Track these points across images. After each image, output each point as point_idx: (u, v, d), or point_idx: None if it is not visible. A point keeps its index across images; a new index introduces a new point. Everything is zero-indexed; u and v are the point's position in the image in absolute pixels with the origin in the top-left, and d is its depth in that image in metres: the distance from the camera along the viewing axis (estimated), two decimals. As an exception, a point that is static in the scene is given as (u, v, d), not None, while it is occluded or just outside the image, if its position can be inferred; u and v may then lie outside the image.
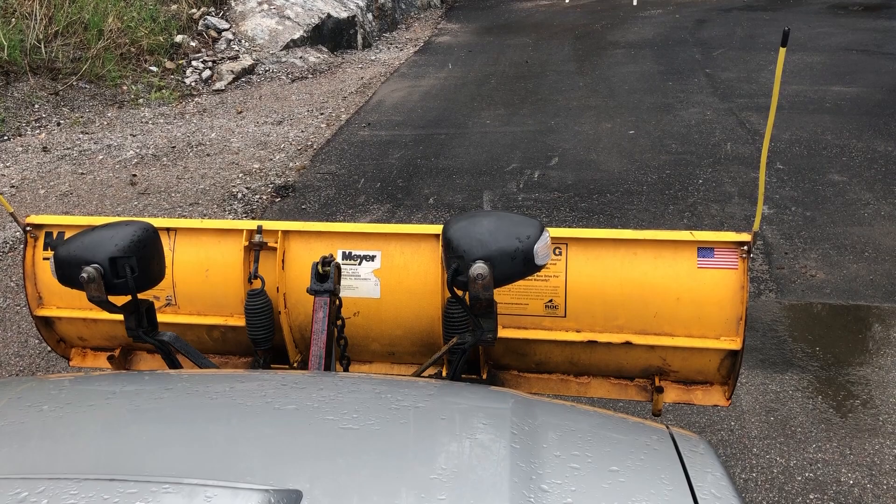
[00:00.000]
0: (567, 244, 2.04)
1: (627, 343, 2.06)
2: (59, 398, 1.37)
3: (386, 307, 2.15)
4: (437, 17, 14.03)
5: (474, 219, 1.71)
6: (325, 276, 1.91)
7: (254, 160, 6.68)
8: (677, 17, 12.48)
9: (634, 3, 13.52)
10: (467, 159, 6.50)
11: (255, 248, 2.14)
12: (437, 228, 2.12)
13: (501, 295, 2.04)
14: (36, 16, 8.48)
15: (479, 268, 1.61)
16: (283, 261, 2.15)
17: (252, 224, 2.17)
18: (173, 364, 1.87)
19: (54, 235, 2.27)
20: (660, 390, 2.13)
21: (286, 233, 2.16)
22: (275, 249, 2.14)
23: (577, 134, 7.00)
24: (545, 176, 6.06)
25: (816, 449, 3.17)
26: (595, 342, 2.07)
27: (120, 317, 1.79)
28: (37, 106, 7.95)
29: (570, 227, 5.18)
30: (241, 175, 6.34)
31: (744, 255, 1.98)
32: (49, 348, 3.93)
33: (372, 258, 2.13)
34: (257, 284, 2.11)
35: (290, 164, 6.57)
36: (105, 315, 2.18)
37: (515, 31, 12.29)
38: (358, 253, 2.12)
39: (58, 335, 2.44)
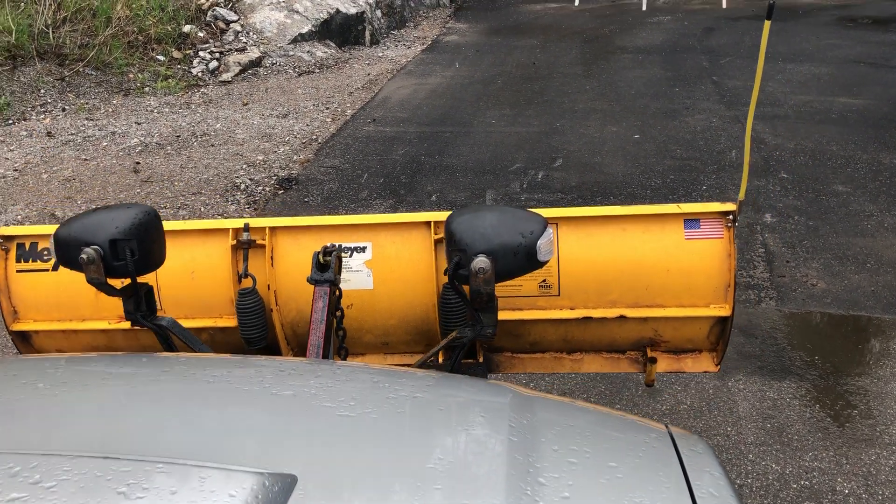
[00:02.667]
0: (557, 224, 2.06)
1: (621, 317, 2.09)
2: (55, 377, 1.37)
3: (380, 297, 2.14)
4: (446, 16, 14.03)
5: (478, 212, 1.70)
6: (326, 266, 1.89)
7: (258, 152, 6.68)
8: (686, 24, 12.47)
9: (643, 8, 13.51)
10: (471, 158, 6.49)
11: (244, 246, 2.11)
12: (427, 216, 2.11)
13: None
14: (45, 1, 8.48)
15: (480, 262, 1.60)
16: (271, 258, 2.12)
17: (238, 222, 2.14)
18: (171, 349, 1.86)
19: (27, 247, 2.19)
20: (653, 361, 2.17)
21: (273, 229, 2.13)
22: (263, 247, 2.12)
23: (583, 136, 7.00)
24: (549, 177, 6.05)
25: (813, 457, 3.16)
26: (590, 318, 2.10)
27: (101, 325, 1.75)
28: (42, 91, 7.95)
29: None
30: (244, 166, 6.34)
31: (729, 225, 2.02)
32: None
33: (363, 249, 2.12)
34: (248, 283, 2.08)
35: (294, 157, 6.56)
36: (85, 325, 2.18)
37: (524, 32, 12.28)
38: (348, 245, 2.11)
39: (36, 350, 2.35)
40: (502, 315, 2.09)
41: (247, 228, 2.11)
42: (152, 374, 1.38)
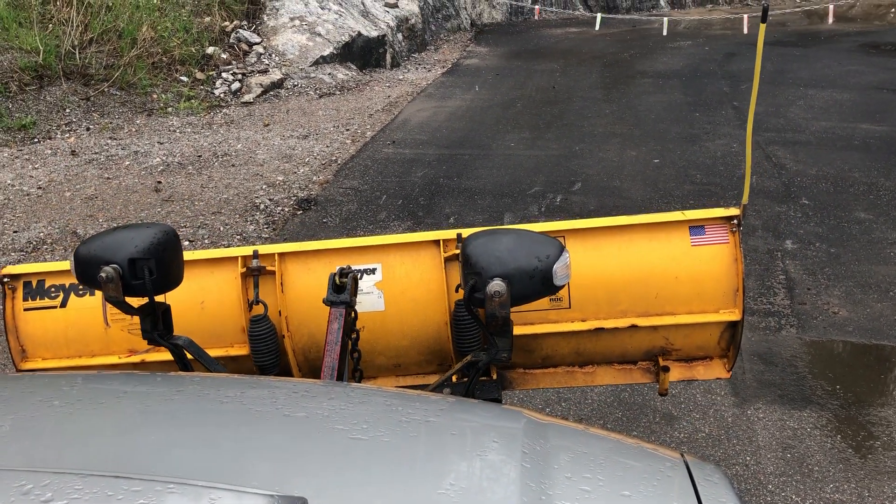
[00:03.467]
0: (565, 236, 2.07)
1: (633, 326, 2.09)
2: (70, 395, 1.37)
3: (391, 318, 2.13)
4: (467, 39, 14.13)
5: (494, 235, 1.70)
6: (342, 287, 1.89)
7: (278, 172, 6.73)
8: (707, 49, 12.48)
9: (664, 33, 13.54)
10: (490, 180, 6.50)
11: (254, 273, 2.10)
12: (436, 234, 2.11)
13: None
14: (72, 22, 8.64)
15: (496, 285, 1.59)
16: (282, 284, 2.12)
17: (247, 250, 2.14)
18: (186, 368, 1.86)
19: (33, 284, 2.18)
20: (665, 370, 2.16)
21: (283, 255, 2.13)
22: (273, 273, 2.11)
23: (602, 160, 6.99)
24: (567, 200, 6.04)
25: (834, 489, 3.10)
26: (602, 329, 2.10)
27: (111, 360, 1.75)
28: (68, 110, 8.07)
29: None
30: (264, 186, 6.38)
31: (734, 230, 2.04)
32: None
33: (373, 271, 2.12)
34: (259, 310, 2.08)
35: (314, 178, 6.60)
36: (94, 361, 2.17)
37: (544, 56, 12.34)
38: (358, 267, 2.10)
39: None
40: (515, 330, 2.08)
41: (256, 255, 2.11)
42: (166, 394, 1.38)
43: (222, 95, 9.14)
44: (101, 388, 1.42)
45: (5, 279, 2.19)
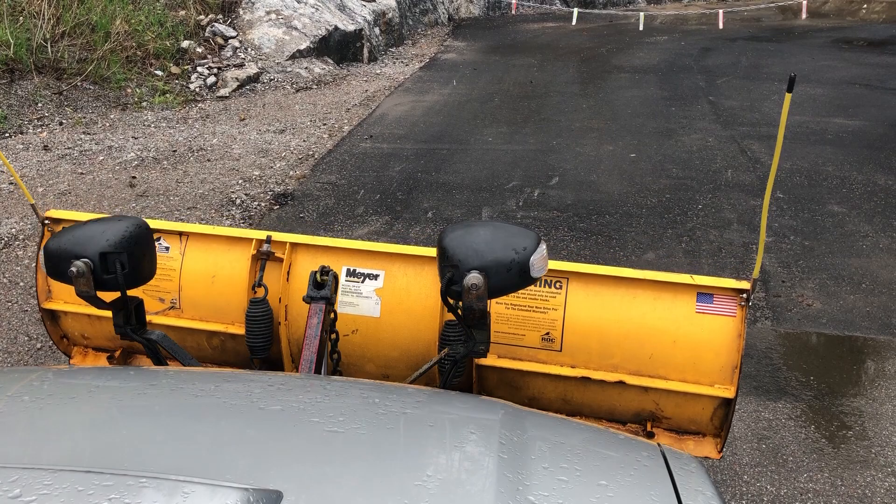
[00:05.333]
0: (568, 279, 2.04)
1: (621, 382, 2.03)
2: (41, 390, 1.35)
3: (384, 327, 2.14)
4: (444, 34, 14.10)
5: (471, 228, 1.69)
6: (322, 285, 1.91)
7: (254, 167, 6.68)
8: (682, 44, 12.55)
9: (640, 28, 13.60)
10: (468, 175, 6.50)
11: (262, 257, 2.14)
12: None
13: (499, 324, 2.05)
14: (44, 15, 8.51)
15: (473, 278, 1.59)
16: (288, 272, 2.15)
17: (262, 234, 2.17)
18: (160, 363, 1.84)
19: None
20: (650, 436, 2.11)
21: (294, 245, 2.16)
22: (281, 260, 2.14)
23: (579, 155, 7.01)
24: (545, 195, 6.05)
25: (808, 479, 3.14)
26: (589, 379, 2.05)
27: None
28: (40, 104, 7.95)
29: (567, 245, 5.17)
30: (240, 181, 6.33)
31: (742, 304, 1.97)
32: (51, 343, 3.91)
33: (375, 277, 2.14)
34: (260, 293, 2.11)
35: (291, 173, 6.56)
36: (109, 314, 2.20)
37: (521, 51, 12.34)
38: (362, 271, 2.13)
39: (62, 331, 2.41)
40: (503, 363, 2.08)
41: (268, 240, 2.14)
42: (139, 388, 1.36)
43: (198, 90, 9.05)
44: (73, 383, 1.40)
45: (46, 221, 2.32)
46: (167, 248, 2.25)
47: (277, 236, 2.17)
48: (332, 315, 1.95)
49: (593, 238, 5.29)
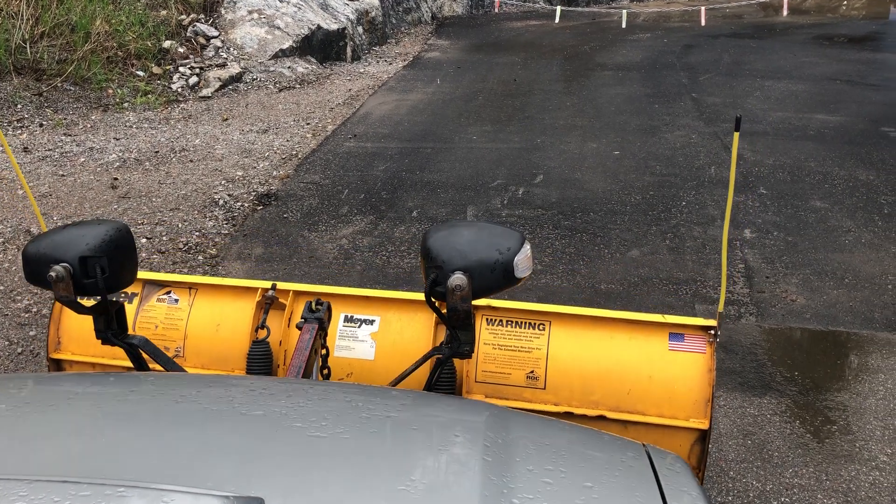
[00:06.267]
0: (550, 321, 2.15)
1: (602, 417, 2.12)
2: (19, 397, 1.33)
3: (378, 369, 2.20)
4: (428, 32, 14.08)
5: (454, 228, 1.68)
6: (317, 311, 2.00)
7: (237, 167, 6.64)
8: (665, 41, 12.59)
9: (623, 25, 13.63)
10: (452, 174, 6.49)
11: (267, 302, 2.21)
12: None
13: (486, 363, 2.16)
14: (22, 16, 8.42)
15: (457, 279, 1.58)
16: (289, 319, 2.24)
17: (267, 283, 2.28)
18: (142, 368, 1.82)
19: None
20: None
21: (297, 293, 2.26)
22: (284, 307, 2.23)
23: (563, 153, 7.02)
24: (529, 193, 6.05)
25: (793, 474, 3.15)
26: (571, 414, 2.13)
27: (128, 362, 1.81)
28: (19, 106, 7.87)
29: (552, 243, 5.17)
30: (223, 182, 6.29)
31: (711, 340, 2.09)
32: (31, 348, 3.88)
33: (371, 322, 2.23)
34: (262, 334, 2.16)
35: (274, 173, 6.53)
36: (114, 362, 2.29)
37: (505, 49, 12.34)
38: (359, 317, 2.23)
39: None
40: (490, 402, 2.12)
41: (273, 287, 2.24)
42: (119, 394, 1.34)
43: (180, 90, 8.99)
44: (52, 390, 1.38)
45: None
46: (176, 301, 2.33)
47: (282, 285, 2.27)
48: (323, 336, 2.02)
49: (578, 236, 5.29)
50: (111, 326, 1.76)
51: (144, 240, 5.22)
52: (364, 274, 4.84)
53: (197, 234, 5.37)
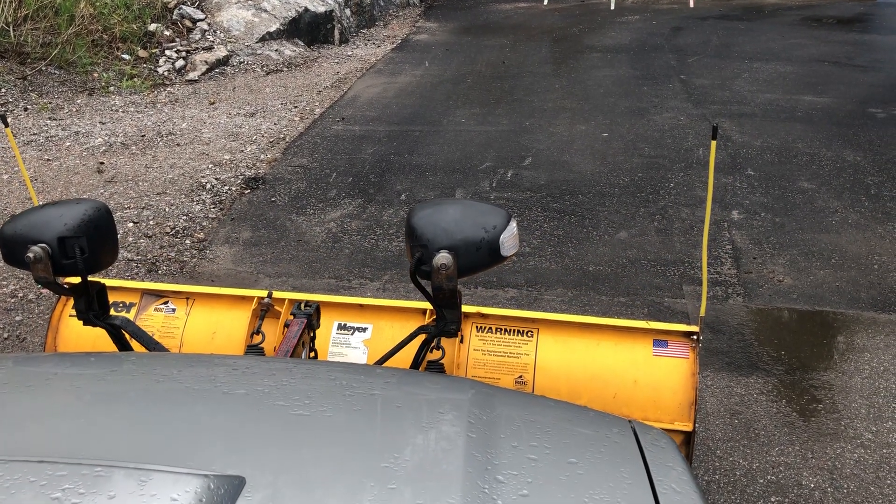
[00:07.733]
0: (538, 328, 2.21)
1: None
2: (-2, 378, 1.31)
3: None
4: (416, 15, 13.98)
5: (439, 206, 1.67)
6: (305, 310, 2.05)
7: (224, 151, 6.59)
8: (654, 23, 12.54)
9: (612, 7, 13.57)
10: (441, 157, 6.46)
11: (263, 309, 2.23)
12: (425, 304, 2.24)
13: (476, 369, 2.19)
14: (5, -2, 8.29)
15: (442, 257, 1.57)
16: (284, 325, 2.26)
17: (263, 292, 2.31)
18: (125, 349, 1.81)
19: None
20: None
21: (293, 301, 2.28)
22: (279, 315, 2.25)
23: (552, 135, 7.00)
24: (518, 175, 6.04)
25: (779, 452, 3.17)
26: None
27: None
28: (3, 90, 7.78)
29: (541, 226, 5.17)
30: (210, 166, 6.25)
31: (693, 346, 2.14)
32: (18, 333, 3.86)
33: (364, 330, 2.28)
34: (257, 339, 2.18)
35: (262, 157, 6.49)
36: None
37: (493, 31, 12.28)
38: (352, 325, 2.28)
39: None
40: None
41: (269, 295, 2.27)
42: (99, 374, 1.33)
43: (166, 73, 8.90)
44: (30, 371, 1.36)
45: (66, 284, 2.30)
46: (174, 310, 2.35)
47: (278, 294, 2.30)
48: (312, 333, 2.05)
49: (566, 218, 5.29)
50: (92, 307, 1.74)
51: (131, 224, 5.18)
52: (352, 257, 4.82)
53: (184, 218, 5.33)
